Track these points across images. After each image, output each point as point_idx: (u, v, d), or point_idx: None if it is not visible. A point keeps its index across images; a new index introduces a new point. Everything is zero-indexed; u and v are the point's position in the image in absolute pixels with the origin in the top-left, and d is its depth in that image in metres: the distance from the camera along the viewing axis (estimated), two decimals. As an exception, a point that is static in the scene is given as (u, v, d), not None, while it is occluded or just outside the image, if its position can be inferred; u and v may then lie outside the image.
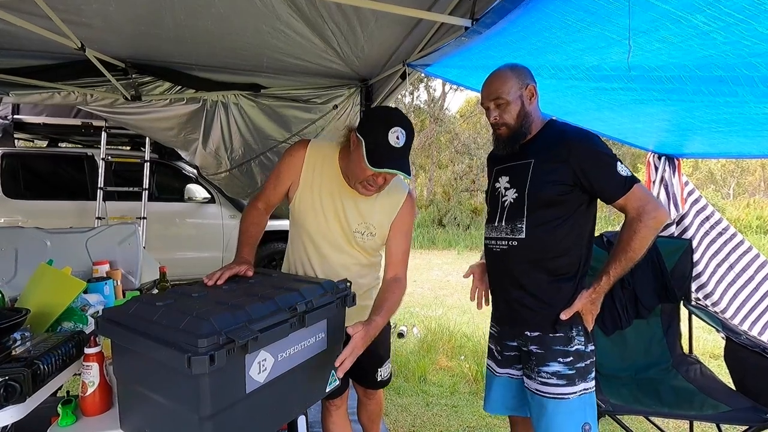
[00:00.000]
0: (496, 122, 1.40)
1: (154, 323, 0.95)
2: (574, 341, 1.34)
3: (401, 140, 1.26)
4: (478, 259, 1.64)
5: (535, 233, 1.35)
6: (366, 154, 1.25)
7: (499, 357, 1.50)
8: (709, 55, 1.26)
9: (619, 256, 1.28)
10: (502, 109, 1.37)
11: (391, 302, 1.36)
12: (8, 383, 0.95)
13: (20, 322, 1.13)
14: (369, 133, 1.28)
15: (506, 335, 1.48)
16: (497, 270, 1.47)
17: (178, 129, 2.83)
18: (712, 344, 3.65)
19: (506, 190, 1.43)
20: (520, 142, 1.40)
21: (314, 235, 1.45)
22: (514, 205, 1.39)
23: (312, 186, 1.43)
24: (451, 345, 3.67)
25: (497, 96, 1.37)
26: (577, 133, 1.35)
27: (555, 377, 1.33)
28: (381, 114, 1.34)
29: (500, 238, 1.42)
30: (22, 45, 2.13)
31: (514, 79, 1.36)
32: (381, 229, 1.46)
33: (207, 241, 4.42)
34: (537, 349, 1.36)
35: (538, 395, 1.35)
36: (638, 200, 1.26)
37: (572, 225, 1.34)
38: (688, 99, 1.62)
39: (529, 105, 1.38)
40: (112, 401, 1.16)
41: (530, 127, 1.40)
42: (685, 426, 2.31)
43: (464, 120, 14.33)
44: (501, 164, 1.48)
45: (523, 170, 1.38)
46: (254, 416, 1.02)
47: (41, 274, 1.49)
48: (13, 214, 3.79)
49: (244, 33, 2.02)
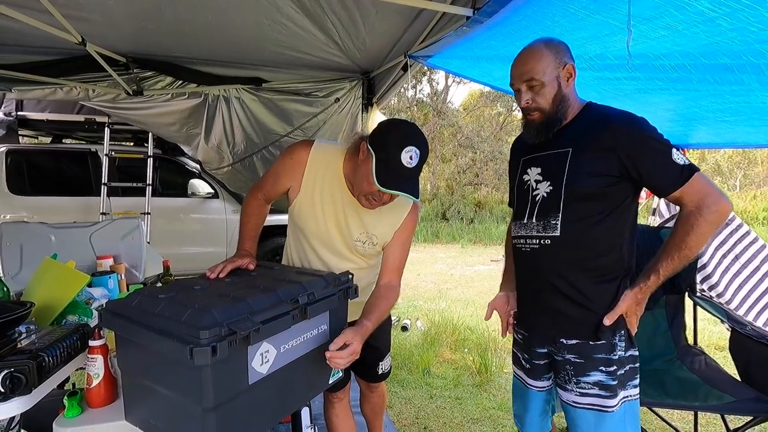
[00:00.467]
0: (528, 106, 1.22)
1: (156, 315, 0.95)
2: (617, 348, 1.19)
3: (414, 161, 1.18)
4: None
5: (571, 230, 1.19)
6: (375, 170, 1.18)
7: (528, 366, 1.36)
8: (715, 42, 1.24)
9: (671, 253, 1.13)
10: (536, 92, 1.20)
11: (382, 308, 1.31)
12: (14, 375, 0.97)
13: (25, 315, 1.14)
14: (381, 148, 1.20)
15: (535, 341, 1.32)
16: (527, 272, 1.32)
17: (180, 124, 2.83)
18: (717, 336, 3.63)
19: (538, 183, 1.27)
20: (555, 130, 1.24)
21: (313, 241, 1.43)
22: (548, 199, 1.23)
23: (313, 192, 1.38)
24: (455, 338, 3.67)
25: (530, 77, 1.18)
26: (624, 116, 1.18)
27: (597, 387, 1.19)
28: (396, 129, 1.24)
29: (531, 237, 1.27)
30: (24, 41, 2.13)
31: (550, 57, 1.17)
32: (383, 238, 1.41)
33: (210, 236, 4.43)
34: (575, 358, 1.21)
35: (577, 407, 1.22)
36: (698, 192, 1.10)
37: (615, 220, 1.19)
38: (693, 88, 1.60)
39: (566, 87, 1.21)
40: (116, 393, 1.18)
41: (566, 112, 1.23)
42: (689, 417, 2.31)
43: (467, 113, 14.26)
44: (530, 154, 1.32)
45: (559, 161, 1.22)
46: (257, 407, 1.02)
47: (46, 269, 1.51)
48: (18, 210, 3.82)
49: (245, 26, 2.02)
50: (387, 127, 1.27)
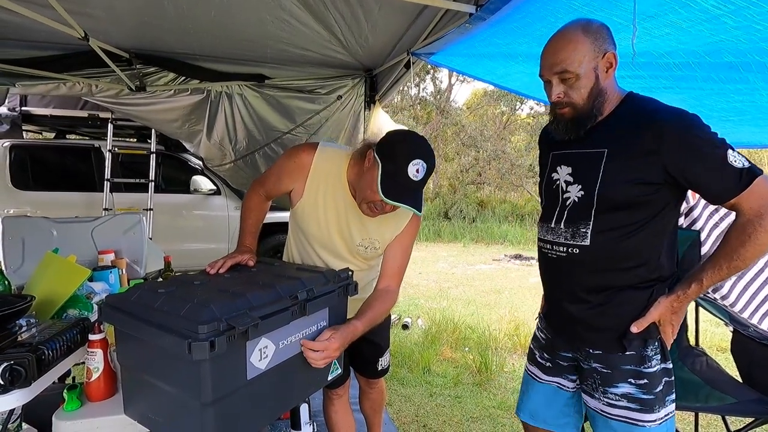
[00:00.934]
0: (560, 101, 1.08)
1: (155, 310, 0.95)
2: (651, 361, 1.09)
3: (420, 174, 1.17)
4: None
5: (602, 240, 1.08)
6: (380, 180, 1.17)
7: (546, 364, 1.29)
8: (720, 41, 1.23)
9: (720, 262, 1.01)
10: (569, 85, 1.06)
11: (376, 311, 1.29)
12: (13, 368, 0.97)
13: (25, 309, 1.15)
14: (389, 158, 1.18)
15: (561, 346, 1.26)
16: (552, 279, 1.23)
17: (182, 120, 2.83)
18: (719, 337, 3.61)
19: (568, 185, 1.15)
20: (587, 127, 1.10)
21: (315, 243, 1.43)
22: (579, 205, 1.11)
23: (317, 197, 1.37)
24: (456, 336, 3.67)
25: (563, 69, 1.04)
26: (671, 114, 1.02)
27: (626, 399, 1.10)
28: (405, 141, 1.23)
29: (557, 243, 1.16)
30: (28, 36, 2.14)
31: (587, 45, 1.03)
32: (385, 243, 1.40)
33: (212, 232, 4.44)
34: (602, 367, 1.13)
35: (606, 417, 1.14)
36: (759, 198, 0.96)
37: (653, 229, 1.06)
38: (697, 87, 1.59)
39: (604, 79, 1.06)
40: (116, 387, 1.18)
41: (603, 108, 1.09)
42: (690, 418, 2.30)
43: (471, 112, 14.23)
44: (560, 149, 1.19)
45: (593, 162, 1.09)
46: (255, 403, 1.02)
47: (47, 263, 1.51)
48: (21, 205, 3.83)
49: (248, 23, 2.01)
50: (396, 137, 1.26)
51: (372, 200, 1.22)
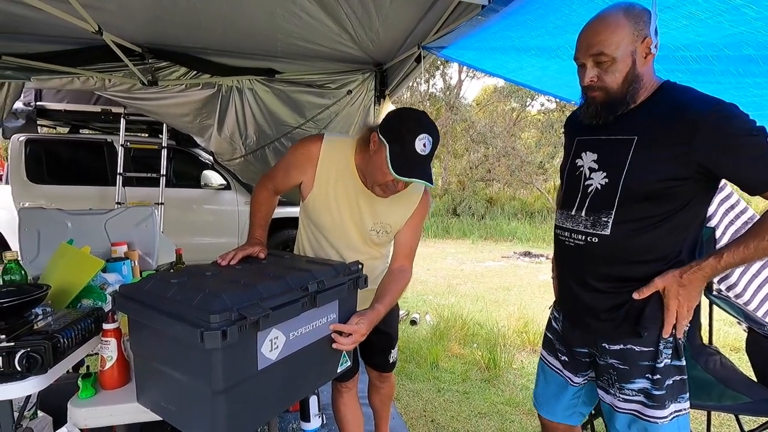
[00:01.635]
0: (592, 84, 1.05)
1: (168, 299, 0.96)
2: (662, 355, 1.08)
3: (428, 148, 1.19)
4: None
5: (623, 231, 1.05)
6: (390, 159, 1.19)
7: (563, 358, 1.28)
8: (740, 32, 1.20)
9: (747, 241, 0.97)
10: (604, 69, 1.03)
11: (394, 292, 1.35)
12: (30, 354, 0.99)
13: (41, 297, 1.17)
14: (395, 138, 1.20)
15: (576, 341, 1.24)
16: (568, 268, 1.21)
17: (193, 115, 2.85)
18: (732, 337, 3.56)
19: (592, 172, 1.12)
20: (618, 113, 1.07)
21: (328, 234, 1.44)
22: (602, 193, 1.09)
23: (327, 187, 1.38)
24: (464, 333, 3.66)
25: (600, 50, 1.01)
26: (707, 104, 0.98)
27: (642, 395, 1.10)
28: (408, 118, 1.24)
29: (576, 231, 1.13)
30: (42, 30, 2.16)
31: (628, 28, 0.99)
32: (396, 226, 1.43)
33: (222, 226, 4.48)
34: (619, 363, 1.12)
35: (620, 412, 1.14)
36: None
37: (678, 222, 1.03)
38: (715, 81, 1.56)
39: (642, 65, 1.03)
40: (129, 376, 1.20)
41: (637, 95, 1.05)
42: (702, 417, 2.27)
43: (480, 108, 14.13)
44: (587, 135, 1.15)
45: (621, 149, 1.06)
46: (266, 393, 1.03)
47: (62, 253, 1.53)
48: (36, 198, 3.90)
49: (259, 17, 2.01)
50: (398, 115, 1.27)
51: (384, 182, 1.25)
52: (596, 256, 1.10)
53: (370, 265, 1.47)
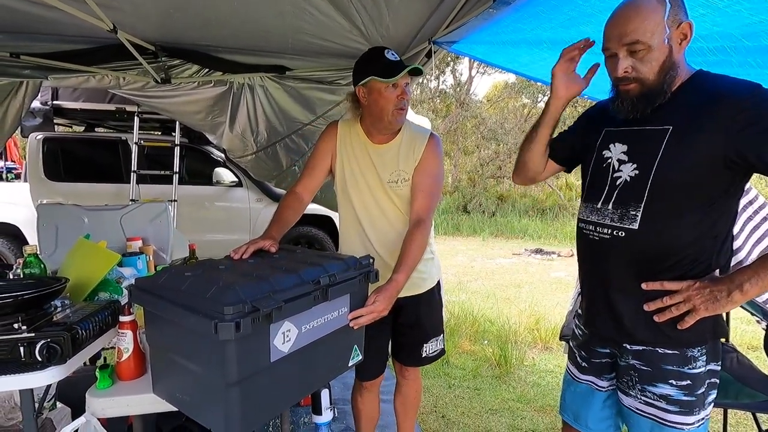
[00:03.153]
0: (627, 75, 1.00)
1: (183, 292, 0.98)
2: (696, 362, 1.02)
3: (395, 55, 1.42)
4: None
5: (653, 224, 1.01)
6: (380, 77, 1.37)
7: (583, 363, 1.24)
8: (759, 21, 1.17)
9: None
10: (639, 58, 0.97)
11: (412, 253, 1.34)
12: (50, 345, 1.01)
13: (60, 290, 1.20)
14: (368, 68, 1.40)
15: (596, 341, 1.19)
16: (592, 263, 1.16)
17: (205, 112, 2.88)
18: (750, 335, 3.49)
19: (621, 164, 1.08)
20: (656, 105, 1.02)
21: (359, 205, 1.53)
22: (631, 185, 1.05)
23: (349, 156, 1.53)
24: (475, 329, 3.65)
25: (635, 39, 0.95)
26: (746, 88, 0.94)
27: (664, 401, 1.04)
28: (363, 54, 1.48)
29: (602, 225, 1.09)
30: (58, 29, 2.20)
31: (661, 13, 0.94)
32: (410, 170, 1.51)
33: (234, 223, 4.53)
34: (641, 364, 1.07)
35: (641, 415, 1.08)
36: None
37: (708, 215, 0.99)
38: (732, 73, 1.52)
39: (678, 52, 0.98)
40: (145, 367, 1.22)
41: (673, 83, 1.01)
42: (718, 416, 2.23)
43: (491, 105, 14.02)
44: (617, 126, 1.11)
45: (654, 140, 1.01)
46: (278, 385, 1.04)
47: (79, 248, 1.57)
48: (54, 195, 3.98)
49: (269, 14, 2.02)
50: (356, 62, 1.48)
51: (392, 101, 1.41)
52: (623, 251, 1.06)
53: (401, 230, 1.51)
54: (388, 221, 1.52)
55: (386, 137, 1.52)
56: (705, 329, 1.01)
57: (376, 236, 1.53)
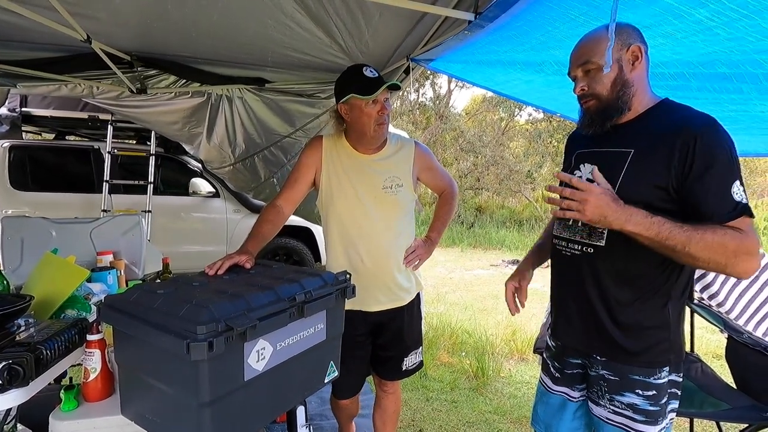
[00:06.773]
0: (583, 93, 1.11)
1: (154, 310, 0.96)
2: (661, 373, 1.09)
3: (374, 72, 1.47)
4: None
5: (618, 241, 1.06)
6: (360, 95, 1.42)
7: (556, 374, 1.28)
8: (713, 52, 1.25)
9: (691, 230, 0.96)
10: (592, 77, 1.08)
11: (443, 216, 1.74)
12: (11, 367, 0.97)
13: (24, 308, 1.15)
14: (349, 87, 1.45)
15: (569, 352, 1.25)
16: (564, 278, 1.22)
17: (182, 123, 2.85)
18: (714, 344, 3.62)
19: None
20: (615, 121, 1.10)
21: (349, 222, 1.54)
22: None
23: (336, 169, 1.55)
24: (452, 341, 3.67)
25: (586, 59, 1.08)
26: (703, 121, 1.01)
27: (630, 410, 1.10)
28: (343, 74, 1.53)
29: (573, 241, 1.16)
30: (30, 37, 2.15)
31: (609, 38, 1.04)
32: (405, 177, 1.58)
33: (211, 235, 4.44)
34: (609, 374, 1.12)
35: (611, 425, 1.13)
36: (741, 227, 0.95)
37: None
38: (692, 96, 1.61)
39: (630, 71, 1.07)
40: (113, 388, 1.19)
41: (630, 101, 1.08)
42: (685, 424, 2.30)
43: (470, 118, 14.28)
44: (586, 148, 1.18)
45: (617, 161, 1.08)
46: (252, 404, 1.03)
47: (46, 263, 1.51)
48: (20, 205, 3.83)
49: (249, 27, 2.03)
50: (337, 80, 1.53)
51: (374, 116, 1.46)
52: (592, 266, 1.12)
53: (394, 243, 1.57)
54: (377, 231, 1.54)
55: (373, 149, 1.57)
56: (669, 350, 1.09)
57: (366, 247, 1.53)
